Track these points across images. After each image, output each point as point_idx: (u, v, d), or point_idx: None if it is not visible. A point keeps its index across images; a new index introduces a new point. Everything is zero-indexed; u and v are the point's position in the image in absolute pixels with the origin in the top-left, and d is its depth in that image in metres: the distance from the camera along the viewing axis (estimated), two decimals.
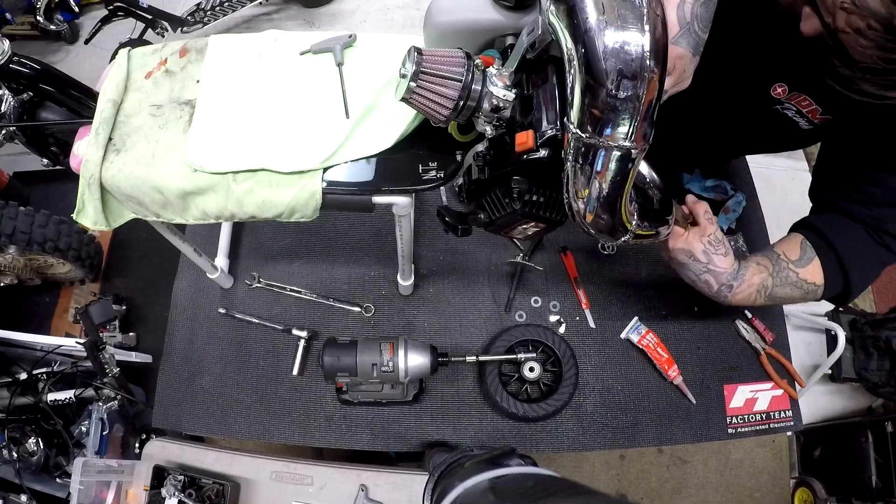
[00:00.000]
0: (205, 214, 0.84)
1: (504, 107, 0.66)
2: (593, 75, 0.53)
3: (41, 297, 1.98)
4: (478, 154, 0.75)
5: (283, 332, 1.26)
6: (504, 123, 0.69)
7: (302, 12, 2.74)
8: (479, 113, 0.67)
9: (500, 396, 1.15)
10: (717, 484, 1.82)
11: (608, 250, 1.36)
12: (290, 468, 1.12)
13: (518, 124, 0.68)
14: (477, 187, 0.77)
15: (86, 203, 0.84)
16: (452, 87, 0.64)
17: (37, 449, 1.40)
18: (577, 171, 0.61)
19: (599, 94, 0.54)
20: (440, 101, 0.65)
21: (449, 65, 0.65)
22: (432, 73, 0.64)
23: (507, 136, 0.69)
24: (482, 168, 0.74)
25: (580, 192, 0.63)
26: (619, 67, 0.52)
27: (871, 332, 1.83)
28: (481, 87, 0.65)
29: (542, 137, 0.65)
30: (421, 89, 0.65)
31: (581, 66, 0.54)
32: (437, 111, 0.67)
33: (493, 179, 0.73)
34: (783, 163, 2.41)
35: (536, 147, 0.65)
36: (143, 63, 0.92)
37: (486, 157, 0.74)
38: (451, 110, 0.66)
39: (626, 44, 0.52)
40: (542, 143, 0.65)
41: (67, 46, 2.70)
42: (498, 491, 0.61)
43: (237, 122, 0.83)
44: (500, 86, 0.65)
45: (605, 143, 0.57)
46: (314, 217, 0.83)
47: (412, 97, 0.66)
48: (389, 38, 0.90)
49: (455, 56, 0.65)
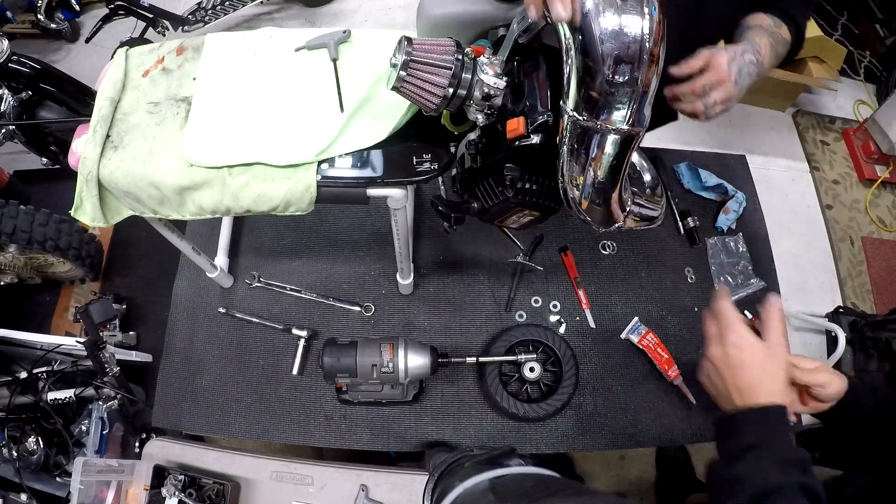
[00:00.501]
0: (201, 209, 0.84)
1: (495, 94, 0.67)
2: (592, 58, 0.53)
3: (41, 296, 1.98)
4: (470, 143, 0.76)
5: (283, 331, 1.26)
6: (496, 112, 0.69)
7: (303, 12, 2.73)
8: (471, 101, 0.67)
9: (501, 396, 1.15)
10: None
11: (608, 250, 1.36)
12: (290, 468, 1.12)
13: (510, 112, 0.69)
14: (470, 176, 0.78)
15: (84, 200, 0.85)
16: (442, 75, 0.65)
17: (37, 448, 1.40)
18: (573, 155, 0.61)
19: (597, 77, 0.54)
20: (431, 89, 0.66)
21: (439, 53, 0.65)
22: (422, 62, 0.64)
23: (499, 124, 0.70)
24: (474, 157, 0.75)
25: (576, 178, 0.63)
26: (617, 51, 0.52)
27: (871, 333, 1.83)
28: (472, 75, 0.66)
29: (533, 124, 0.65)
30: (411, 78, 0.65)
31: (579, 48, 0.54)
32: (427, 99, 0.67)
33: (485, 168, 0.73)
34: (783, 163, 2.41)
35: (528, 133, 0.66)
36: (141, 62, 0.93)
37: (479, 146, 0.74)
38: (442, 98, 0.66)
39: (624, 27, 0.52)
40: (534, 129, 0.66)
41: (68, 45, 2.70)
42: (498, 491, 0.61)
43: (233, 118, 0.84)
44: (491, 74, 0.66)
45: (602, 127, 0.57)
46: (309, 210, 0.83)
47: (403, 86, 0.66)
48: (384, 34, 0.90)
49: (445, 45, 0.66)
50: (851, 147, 2.45)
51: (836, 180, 2.38)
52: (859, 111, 2.62)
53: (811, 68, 2.39)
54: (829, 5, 2.86)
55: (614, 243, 1.37)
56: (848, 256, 2.20)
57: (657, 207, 0.85)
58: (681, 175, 1.46)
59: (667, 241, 1.38)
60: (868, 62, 2.78)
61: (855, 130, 2.45)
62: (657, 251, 1.37)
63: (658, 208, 0.85)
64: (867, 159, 2.39)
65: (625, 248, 1.36)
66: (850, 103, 2.64)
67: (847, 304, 2.08)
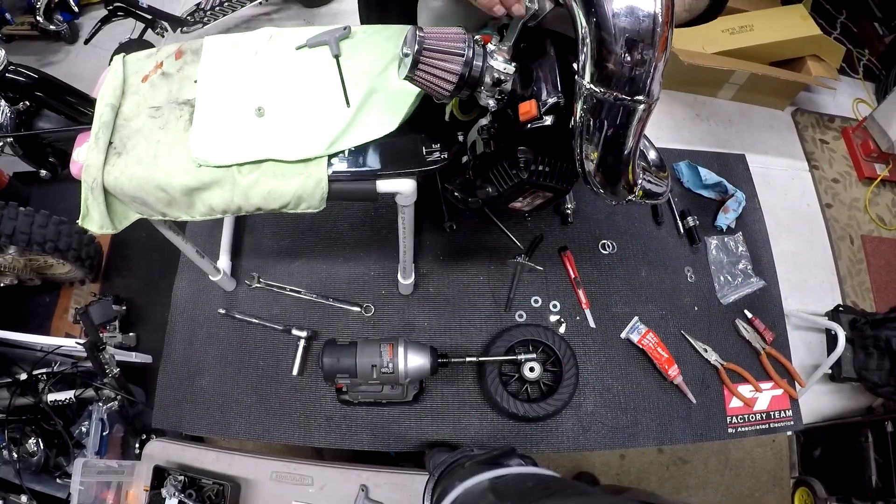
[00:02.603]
0: (211, 209, 0.84)
1: (505, 80, 0.68)
2: (605, 31, 0.55)
3: (41, 298, 1.98)
4: (482, 128, 0.76)
5: (283, 332, 1.26)
6: (506, 97, 0.71)
7: (302, 12, 2.73)
8: (482, 87, 0.69)
9: (501, 396, 1.15)
10: (717, 484, 1.82)
11: (608, 250, 1.36)
12: (290, 468, 1.12)
13: (519, 97, 0.70)
14: (483, 161, 0.78)
15: (90, 208, 0.84)
16: (455, 62, 0.66)
17: (37, 449, 1.40)
18: (588, 129, 0.62)
19: (612, 50, 0.55)
20: (444, 76, 0.67)
21: (451, 41, 0.66)
22: (435, 50, 0.65)
23: (510, 108, 0.71)
24: (487, 141, 0.76)
25: (591, 151, 0.65)
26: (629, 25, 0.54)
27: (871, 331, 1.83)
28: (482, 61, 0.67)
29: (545, 106, 0.67)
30: (425, 66, 0.66)
31: (594, 24, 0.55)
32: (440, 87, 0.68)
33: (498, 151, 0.75)
34: (783, 163, 2.40)
35: (540, 115, 0.67)
36: (139, 67, 0.93)
37: (491, 131, 0.75)
38: (455, 85, 0.67)
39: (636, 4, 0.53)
40: (546, 110, 0.67)
41: (67, 46, 2.69)
42: (498, 491, 0.61)
43: (239, 117, 0.84)
44: (501, 60, 0.67)
45: (617, 98, 0.58)
46: (321, 208, 0.83)
47: (416, 74, 0.67)
48: (383, 28, 0.90)
49: (456, 33, 0.67)
50: (851, 145, 2.45)
51: (836, 179, 2.38)
52: (858, 110, 2.62)
53: (810, 67, 2.39)
54: (828, 4, 2.86)
55: (614, 243, 1.37)
56: (847, 255, 2.20)
57: (662, 184, 0.87)
58: (680, 174, 1.46)
59: (667, 240, 1.38)
60: (867, 61, 2.78)
61: (854, 129, 2.45)
62: (657, 251, 1.37)
63: (663, 185, 0.87)
64: (866, 158, 2.39)
65: (625, 248, 1.36)
66: (850, 102, 2.64)
67: (847, 302, 2.08)
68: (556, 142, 0.69)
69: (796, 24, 2.36)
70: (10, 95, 0.88)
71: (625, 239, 1.37)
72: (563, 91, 0.66)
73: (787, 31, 2.34)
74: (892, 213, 2.34)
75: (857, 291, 2.13)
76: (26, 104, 0.89)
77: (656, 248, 1.37)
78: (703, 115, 2.46)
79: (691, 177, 1.44)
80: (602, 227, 1.39)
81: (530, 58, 0.70)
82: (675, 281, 1.34)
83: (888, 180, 2.37)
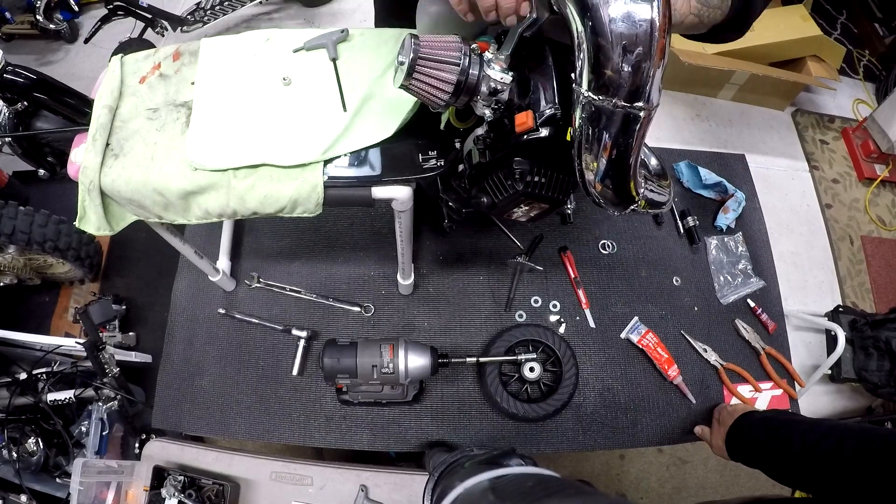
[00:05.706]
0: (207, 213, 0.84)
1: (502, 89, 0.67)
2: (602, 38, 0.54)
3: (41, 297, 1.98)
4: (478, 138, 0.76)
5: (283, 332, 1.26)
6: (502, 106, 0.70)
7: (302, 11, 2.73)
8: (478, 96, 0.68)
9: (501, 396, 1.15)
10: (717, 484, 1.82)
11: (608, 250, 1.36)
12: (290, 468, 1.12)
13: (516, 106, 0.69)
14: (479, 171, 0.78)
15: (87, 210, 0.84)
16: (451, 71, 0.65)
17: (37, 449, 1.40)
18: (588, 138, 0.61)
19: (610, 57, 0.54)
20: (439, 85, 0.66)
21: (446, 49, 0.65)
22: (430, 59, 0.65)
23: (506, 118, 0.70)
24: (483, 151, 0.75)
25: (591, 160, 0.64)
26: (627, 31, 0.53)
27: (870, 332, 1.83)
28: (479, 70, 0.66)
29: (541, 117, 0.66)
30: (420, 75, 0.65)
31: (590, 30, 0.54)
32: (436, 96, 0.67)
33: (494, 162, 0.74)
34: (783, 163, 2.41)
35: (536, 126, 0.66)
36: (137, 69, 0.92)
37: (487, 141, 0.75)
38: (450, 94, 0.66)
39: (632, 10, 0.52)
40: (542, 122, 0.66)
41: (67, 45, 2.69)
42: (498, 491, 0.61)
43: (236, 120, 0.84)
44: (497, 69, 0.66)
45: (616, 106, 0.57)
46: (317, 212, 0.83)
47: (411, 83, 0.66)
48: (382, 32, 0.90)
49: (452, 41, 0.66)
50: (851, 146, 2.45)
51: (836, 179, 2.39)
52: (858, 110, 2.62)
53: (810, 67, 2.39)
54: (828, 4, 2.87)
55: (614, 243, 1.37)
56: (847, 255, 2.21)
57: (665, 192, 0.86)
58: (680, 174, 1.46)
59: (666, 240, 1.38)
60: (867, 61, 2.79)
61: (854, 129, 2.45)
62: (657, 251, 1.37)
63: (665, 193, 0.86)
64: (866, 158, 2.40)
65: (625, 248, 1.36)
66: (850, 102, 2.64)
67: (847, 303, 2.08)
68: (552, 153, 0.69)
69: (797, 25, 2.37)
70: (9, 96, 0.88)
71: (625, 239, 1.37)
72: (561, 102, 0.66)
73: (788, 31, 2.35)
74: (892, 213, 2.35)
75: (856, 292, 2.13)
76: (24, 104, 0.89)
77: (656, 248, 1.37)
78: (704, 116, 2.46)
79: (691, 177, 1.44)
80: (602, 227, 1.39)
81: (529, 67, 0.70)
82: (676, 282, 1.34)
83: (888, 181, 2.38)
